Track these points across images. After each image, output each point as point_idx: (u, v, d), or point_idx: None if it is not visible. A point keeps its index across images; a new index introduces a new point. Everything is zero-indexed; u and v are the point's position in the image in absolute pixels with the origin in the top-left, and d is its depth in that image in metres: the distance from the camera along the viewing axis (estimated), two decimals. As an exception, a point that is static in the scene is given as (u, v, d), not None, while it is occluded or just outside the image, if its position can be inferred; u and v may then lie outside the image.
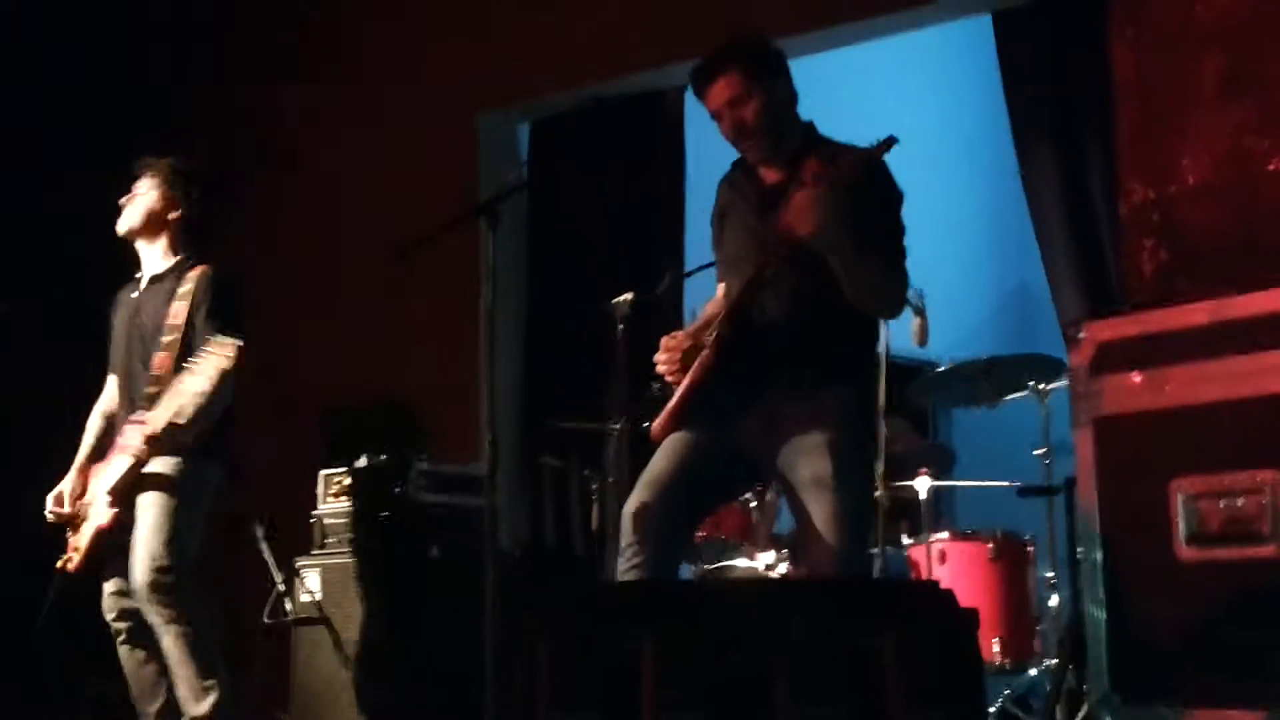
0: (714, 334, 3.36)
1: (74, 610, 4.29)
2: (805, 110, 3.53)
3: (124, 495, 4.12)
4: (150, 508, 4.11)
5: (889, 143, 3.23)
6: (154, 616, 4.08)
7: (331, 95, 6.59)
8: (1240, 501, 2.81)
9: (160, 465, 4.14)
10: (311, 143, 6.57)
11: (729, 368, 3.35)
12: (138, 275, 4.41)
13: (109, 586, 4.26)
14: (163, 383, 4.11)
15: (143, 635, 4.19)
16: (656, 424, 3.44)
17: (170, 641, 4.08)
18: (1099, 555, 2.96)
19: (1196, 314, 2.92)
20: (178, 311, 4.20)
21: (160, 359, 4.17)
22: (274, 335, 4.72)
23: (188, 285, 4.24)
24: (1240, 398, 2.83)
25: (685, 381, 3.38)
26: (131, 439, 4.12)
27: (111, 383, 4.46)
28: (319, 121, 6.59)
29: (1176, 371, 2.91)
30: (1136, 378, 2.95)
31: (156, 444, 4.06)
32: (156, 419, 4.02)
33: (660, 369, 3.45)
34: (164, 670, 4.19)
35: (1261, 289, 2.85)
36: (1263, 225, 3.02)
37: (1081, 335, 3.02)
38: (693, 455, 3.38)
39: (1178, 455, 2.89)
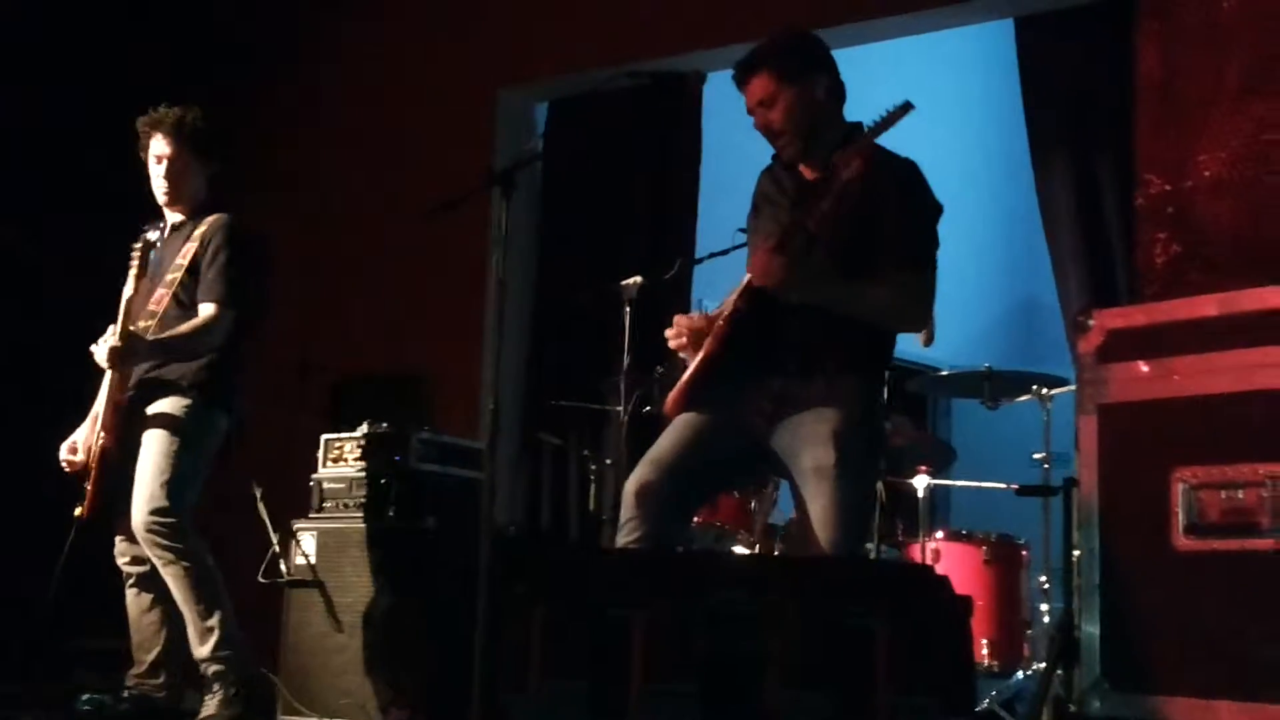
0: (730, 309, 3.35)
1: (77, 564, 4.24)
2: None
3: (118, 426, 4.10)
4: (152, 447, 4.10)
5: (904, 109, 3.19)
6: (154, 557, 4.09)
7: (353, 65, 6.62)
8: (1241, 494, 2.82)
9: (166, 406, 4.13)
10: (329, 112, 6.59)
11: (744, 348, 3.34)
12: (161, 224, 4.38)
13: (123, 531, 4.22)
14: (157, 319, 4.12)
15: (152, 583, 4.20)
16: (670, 399, 3.43)
17: (172, 582, 4.09)
18: (1096, 542, 2.97)
19: (1206, 306, 2.94)
20: (187, 252, 4.20)
21: (160, 295, 4.17)
22: (283, 301, 4.72)
23: (202, 228, 4.23)
24: (1246, 390, 2.85)
25: (699, 356, 3.37)
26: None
27: None
28: (339, 92, 6.62)
29: (1184, 362, 2.93)
30: (1144, 367, 2.96)
31: (116, 354, 4.03)
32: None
33: (671, 342, 3.45)
34: (165, 622, 4.21)
35: (1272, 284, 2.86)
36: (1277, 221, 3.03)
37: (1091, 322, 3.03)
38: (699, 438, 3.37)
39: (1181, 445, 2.90)
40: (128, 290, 4.15)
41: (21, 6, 6.17)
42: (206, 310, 4.18)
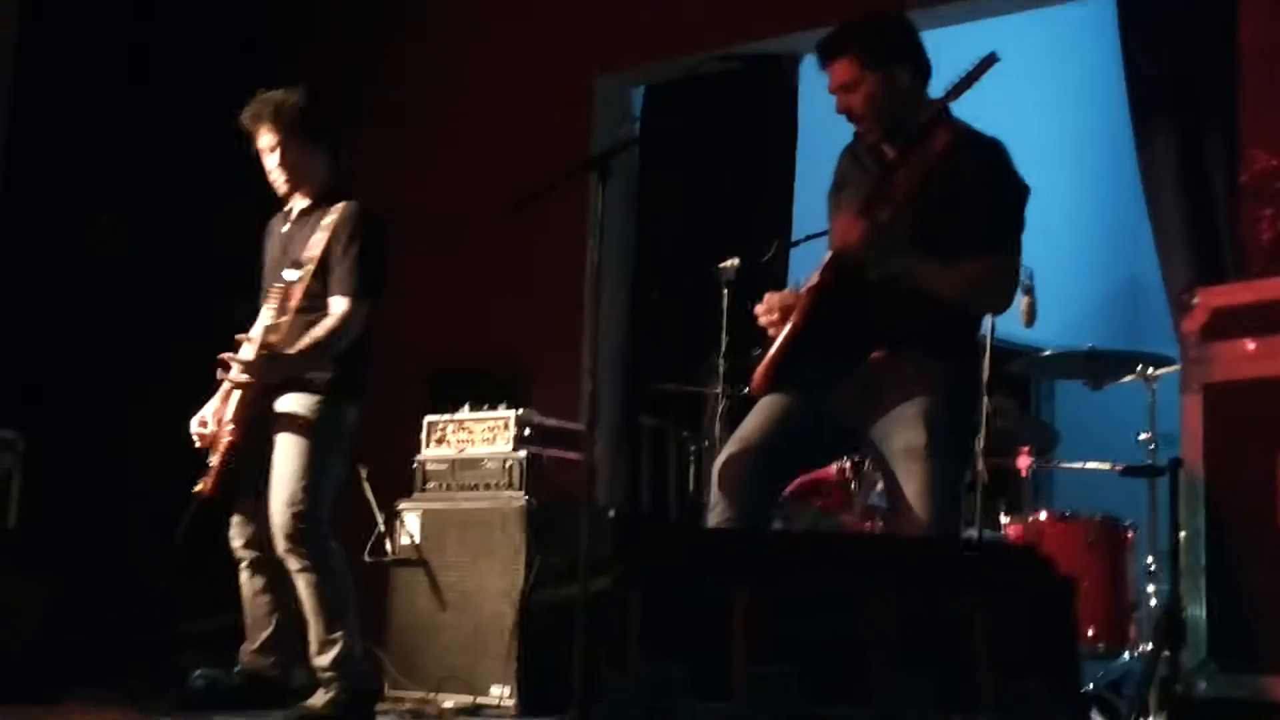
0: (815, 280, 3.34)
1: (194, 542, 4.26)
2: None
3: (247, 418, 4.04)
4: (289, 449, 4.03)
5: (987, 63, 3.13)
6: (289, 561, 4.03)
7: (451, 54, 6.68)
8: (1351, 474, 2.76)
9: (298, 406, 4.05)
10: (425, 100, 6.66)
11: (828, 322, 3.32)
12: (288, 207, 4.32)
13: (239, 515, 4.22)
14: (291, 313, 4.02)
15: (266, 566, 4.18)
16: (756, 375, 3.43)
17: (304, 588, 4.04)
18: (1202, 522, 2.93)
19: (1315, 284, 2.88)
20: (317, 242, 4.08)
21: (289, 289, 4.06)
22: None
23: (331, 216, 4.11)
24: (1356, 369, 2.78)
25: (785, 329, 3.35)
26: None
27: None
28: (435, 79, 6.69)
29: (1291, 340, 2.87)
30: (1249, 345, 2.91)
31: (258, 367, 3.99)
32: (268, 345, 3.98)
33: (761, 319, 3.44)
34: (279, 603, 4.20)
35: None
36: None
37: (1195, 301, 2.99)
38: (787, 416, 3.36)
39: (1288, 425, 2.85)
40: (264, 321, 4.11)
41: (27, 6, 6.25)
42: (340, 305, 4.07)
